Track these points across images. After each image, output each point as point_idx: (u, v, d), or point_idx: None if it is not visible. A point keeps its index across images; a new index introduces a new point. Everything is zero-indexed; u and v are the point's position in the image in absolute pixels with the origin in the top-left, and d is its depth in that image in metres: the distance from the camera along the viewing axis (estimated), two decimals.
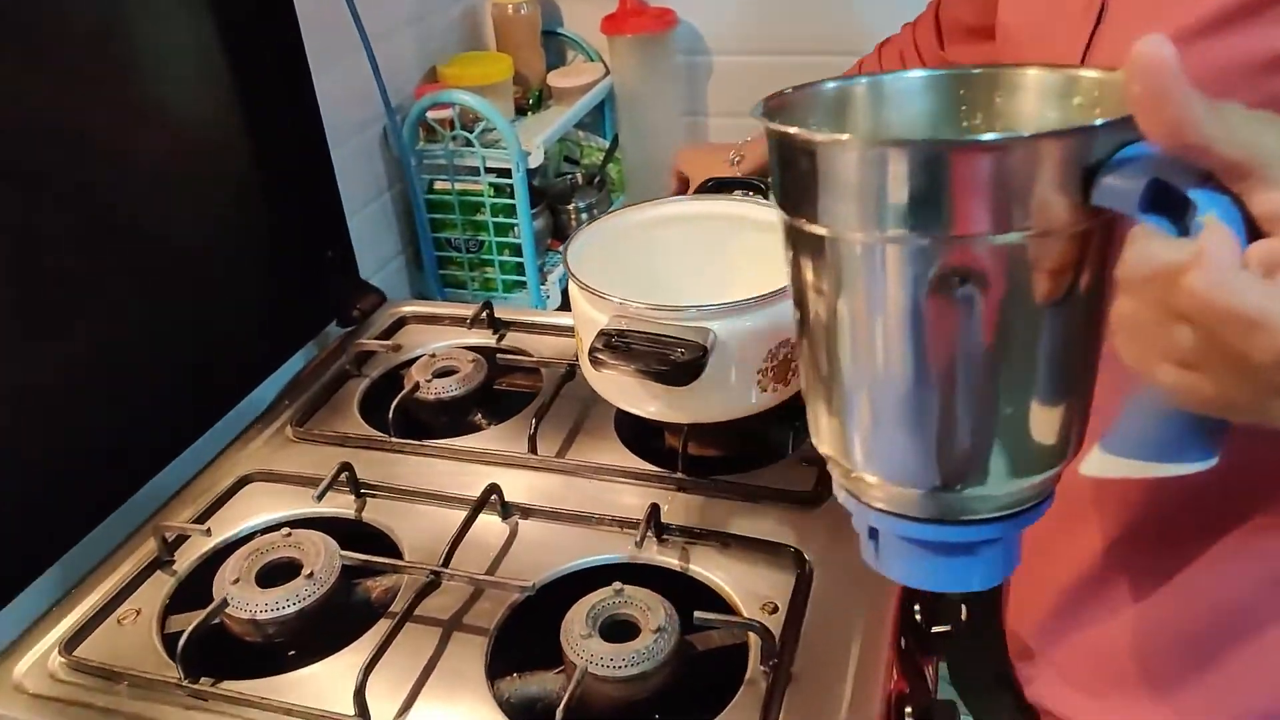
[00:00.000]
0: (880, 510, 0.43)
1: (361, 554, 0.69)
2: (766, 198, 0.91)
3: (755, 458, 0.80)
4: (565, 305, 1.31)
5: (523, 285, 1.27)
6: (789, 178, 0.40)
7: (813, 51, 1.28)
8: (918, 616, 0.66)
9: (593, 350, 0.69)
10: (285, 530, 0.71)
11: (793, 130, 0.39)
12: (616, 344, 0.70)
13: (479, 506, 0.73)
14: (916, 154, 0.36)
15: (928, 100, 0.46)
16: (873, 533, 0.44)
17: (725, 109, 1.38)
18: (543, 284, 1.27)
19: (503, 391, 0.93)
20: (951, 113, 0.45)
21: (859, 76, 0.47)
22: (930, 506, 0.42)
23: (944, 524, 0.42)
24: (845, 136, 0.42)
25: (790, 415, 0.80)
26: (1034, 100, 0.43)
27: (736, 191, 0.95)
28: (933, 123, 0.46)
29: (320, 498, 0.75)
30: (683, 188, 1.01)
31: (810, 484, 0.75)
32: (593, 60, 1.40)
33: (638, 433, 0.83)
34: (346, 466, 0.77)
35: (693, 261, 0.87)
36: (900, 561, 0.44)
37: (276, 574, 0.68)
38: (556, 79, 1.34)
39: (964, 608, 0.66)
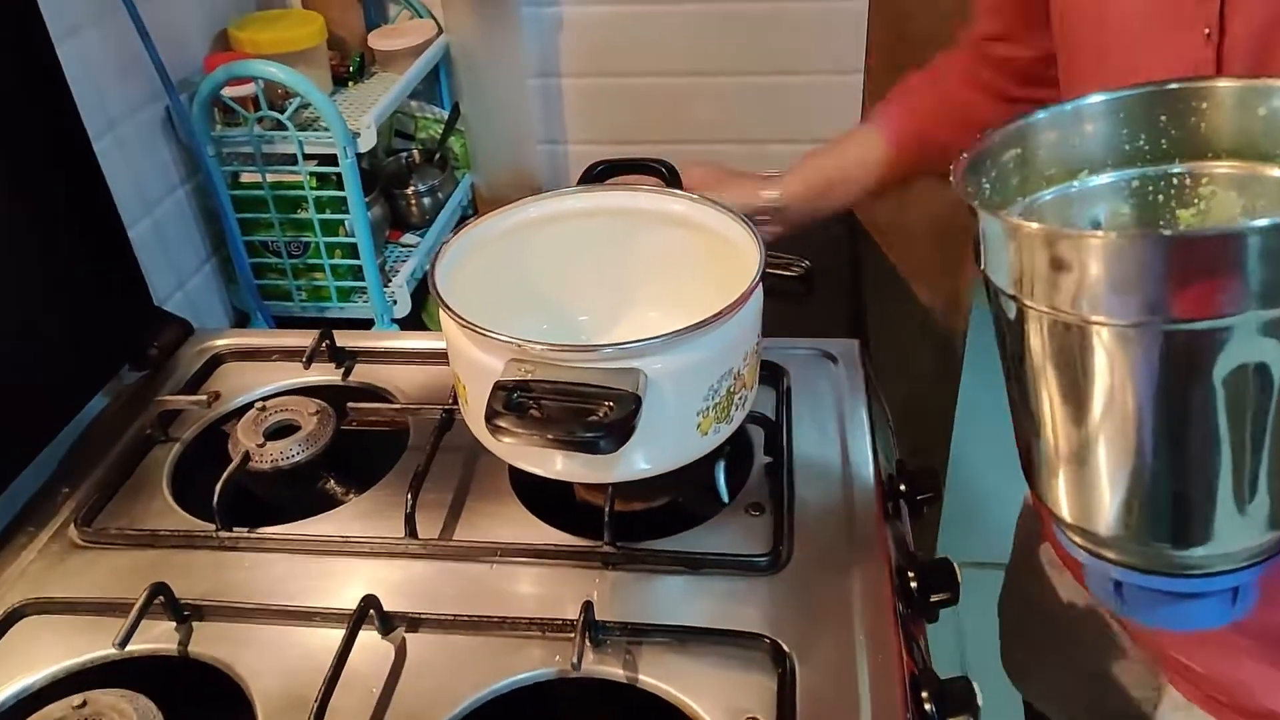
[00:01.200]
0: (1131, 568, 0.45)
1: None
2: (669, 183, 0.75)
3: (691, 509, 0.66)
4: (416, 312, 1.11)
5: (362, 291, 1.06)
6: (1037, 269, 0.40)
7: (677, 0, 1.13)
8: (927, 707, 0.54)
9: (491, 416, 0.52)
10: (79, 700, 0.51)
11: (1071, 232, 0.41)
12: (520, 402, 0.53)
13: (353, 631, 0.55)
14: (1213, 242, 0.37)
15: (1117, 123, 0.46)
16: (1118, 586, 0.46)
17: (581, 69, 1.21)
18: (385, 287, 1.07)
19: (359, 439, 0.74)
20: (1148, 133, 0.46)
21: (1037, 112, 0.47)
22: (1180, 563, 0.44)
23: (1194, 577, 0.44)
24: (1134, 233, 0.44)
25: (722, 449, 0.66)
26: (1228, 113, 0.44)
27: (622, 178, 0.79)
28: (1132, 147, 0.46)
29: (124, 643, 0.54)
30: None
31: (766, 543, 0.62)
32: (422, 16, 1.19)
33: (541, 489, 0.66)
34: (161, 588, 0.57)
35: (590, 269, 0.71)
36: (1156, 609, 0.46)
37: None
38: (379, 40, 1.13)
39: (979, 694, 0.55)
